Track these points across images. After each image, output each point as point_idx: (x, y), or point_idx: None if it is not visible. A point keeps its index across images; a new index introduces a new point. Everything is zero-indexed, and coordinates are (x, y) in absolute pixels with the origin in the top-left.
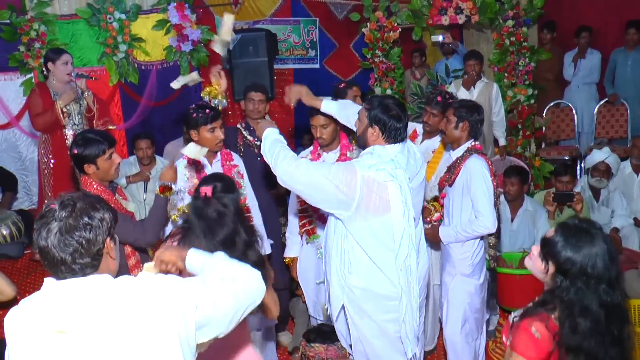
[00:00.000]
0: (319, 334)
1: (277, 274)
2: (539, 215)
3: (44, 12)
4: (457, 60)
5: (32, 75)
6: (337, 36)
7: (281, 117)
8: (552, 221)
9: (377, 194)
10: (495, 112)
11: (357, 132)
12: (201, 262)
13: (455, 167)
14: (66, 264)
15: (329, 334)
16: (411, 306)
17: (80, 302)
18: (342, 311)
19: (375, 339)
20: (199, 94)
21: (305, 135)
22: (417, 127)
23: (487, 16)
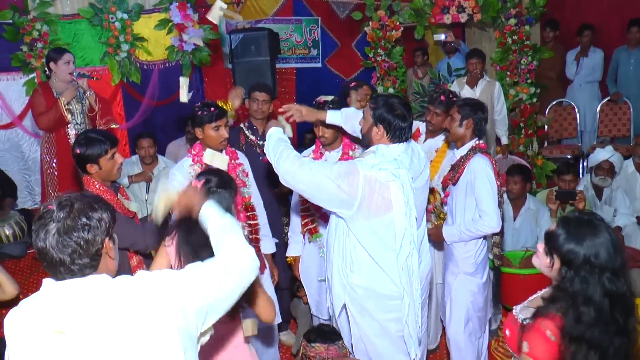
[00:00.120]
0: (319, 334)
1: (280, 273)
2: (542, 213)
3: (46, 12)
4: (460, 58)
5: (34, 75)
6: (339, 35)
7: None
8: (554, 219)
9: (379, 194)
10: (497, 111)
11: (361, 131)
12: (210, 222)
13: (459, 166)
14: (65, 264)
15: (329, 334)
16: (413, 306)
17: (78, 303)
18: (344, 310)
19: (376, 338)
20: (201, 93)
21: (307, 134)
22: (420, 125)
23: (490, 14)
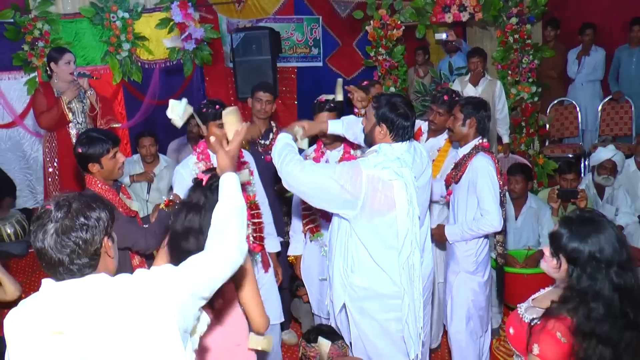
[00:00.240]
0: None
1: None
2: (543, 212)
3: (47, 11)
4: (461, 57)
5: (35, 74)
6: (340, 34)
7: (284, 115)
8: (556, 218)
9: (382, 193)
10: (498, 110)
11: (364, 130)
12: (223, 192)
13: (461, 165)
14: (64, 265)
15: (328, 334)
16: (414, 305)
17: (77, 302)
18: (344, 310)
19: (376, 338)
20: (202, 92)
21: None
22: (422, 125)
23: (491, 13)
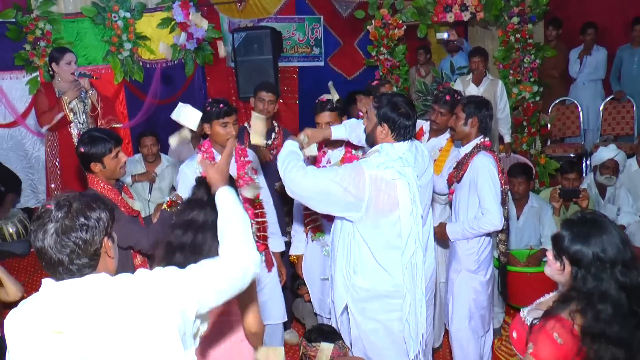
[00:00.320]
0: (319, 334)
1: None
2: (545, 212)
3: (49, 11)
4: (462, 57)
5: (37, 73)
6: (342, 34)
7: (285, 115)
8: (557, 217)
9: (386, 192)
10: (500, 109)
11: (365, 130)
12: (221, 207)
13: (463, 164)
14: (64, 265)
15: (329, 333)
16: (415, 305)
17: (77, 302)
18: (345, 311)
19: (377, 339)
20: (204, 92)
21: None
22: (424, 124)
23: (492, 13)
